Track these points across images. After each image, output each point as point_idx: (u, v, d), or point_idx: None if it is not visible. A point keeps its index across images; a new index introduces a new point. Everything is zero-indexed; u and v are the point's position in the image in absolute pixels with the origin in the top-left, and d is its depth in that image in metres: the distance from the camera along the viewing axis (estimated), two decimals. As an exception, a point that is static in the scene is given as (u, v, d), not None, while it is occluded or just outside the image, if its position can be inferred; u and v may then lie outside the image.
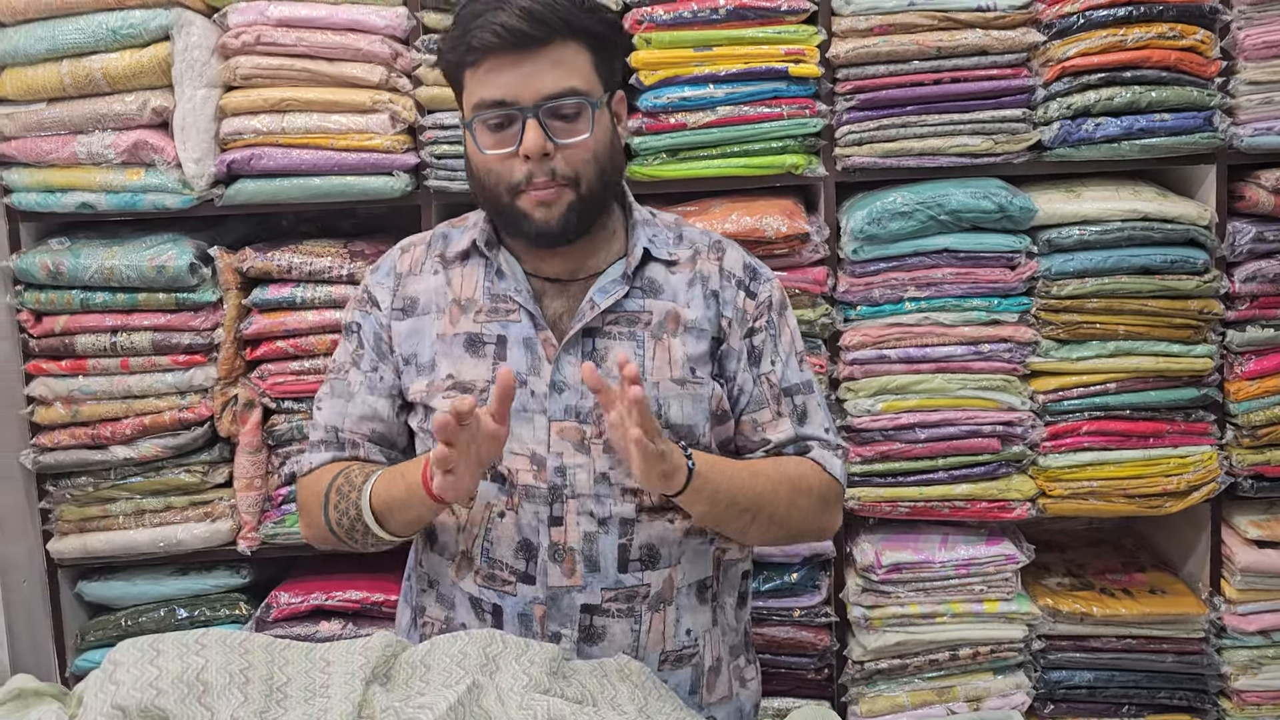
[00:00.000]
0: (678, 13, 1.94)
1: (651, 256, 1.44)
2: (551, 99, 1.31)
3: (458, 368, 1.40)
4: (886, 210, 1.95)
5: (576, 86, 1.32)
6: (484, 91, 1.32)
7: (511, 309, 1.41)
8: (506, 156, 1.33)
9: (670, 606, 1.42)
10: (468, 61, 1.33)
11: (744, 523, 1.40)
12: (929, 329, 2.00)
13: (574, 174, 1.33)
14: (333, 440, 1.47)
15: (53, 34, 1.92)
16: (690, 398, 1.42)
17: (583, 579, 1.38)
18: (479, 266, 1.44)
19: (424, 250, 1.48)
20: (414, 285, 1.46)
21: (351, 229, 2.28)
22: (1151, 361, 2.01)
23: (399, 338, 1.44)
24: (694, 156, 1.99)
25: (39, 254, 2.01)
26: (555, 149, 1.32)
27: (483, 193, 1.38)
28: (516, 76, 1.30)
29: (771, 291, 1.49)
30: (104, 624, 2.11)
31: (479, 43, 1.30)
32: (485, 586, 1.41)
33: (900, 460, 2.02)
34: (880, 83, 1.97)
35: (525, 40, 1.29)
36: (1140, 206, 1.98)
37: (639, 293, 1.43)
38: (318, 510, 1.42)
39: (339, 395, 1.47)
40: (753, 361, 1.46)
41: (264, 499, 2.07)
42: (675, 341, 1.42)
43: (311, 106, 1.96)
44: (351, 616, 2.05)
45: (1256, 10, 1.97)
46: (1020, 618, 2.05)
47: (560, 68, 1.31)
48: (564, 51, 1.32)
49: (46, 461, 2.04)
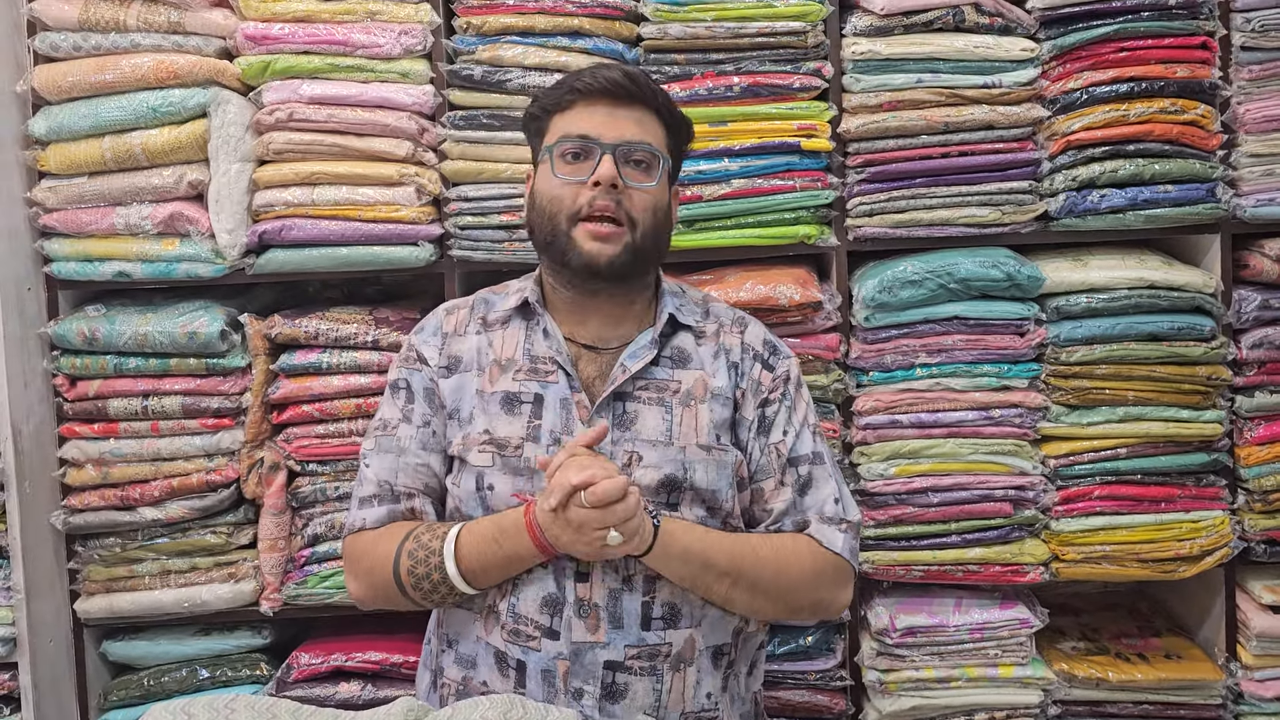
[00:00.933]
0: (693, 90, 2.01)
1: (679, 324, 1.53)
2: (630, 144, 1.47)
3: (494, 424, 1.46)
4: (897, 279, 2.00)
5: (653, 144, 1.49)
6: (570, 127, 1.48)
7: (550, 370, 1.48)
8: (576, 184, 1.45)
9: (691, 668, 1.44)
10: (564, 103, 1.49)
11: (724, 587, 1.42)
12: (940, 394, 2.04)
13: (634, 217, 1.46)
14: (386, 494, 1.50)
15: (96, 112, 2.00)
16: (715, 464, 1.46)
17: (606, 635, 1.40)
18: (520, 329, 1.53)
19: (467, 313, 1.58)
20: (458, 345, 1.54)
21: (376, 296, 2.34)
22: (1161, 427, 2.03)
23: (447, 392, 1.51)
24: (710, 227, 2.05)
25: (76, 320, 2.07)
26: (624, 187, 1.45)
27: (541, 220, 1.49)
28: (605, 118, 1.47)
29: (789, 368, 1.56)
30: (127, 684, 2.13)
31: (582, 85, 1.48)
32: (510, 641, 1.43)
33: (913, 524, 2.05)
34: (890, 156, 2.03)
35: (621, 93, 1.47)
36: (1147, 275, 2.02)
37: (668, 362, 1.49)
38: (383, 571, 1.45)
39: (388, 451, 1.51)
40: (763, 431, 1.51)
41: (287, 560, 2.10)
42: (703, 408, 1.48)
43: (341, 179, 2.03)
44: (371, 678, 2.07)
45: (1256, 86, 2.02)
46: (1035, 682, 2.05)
47: (642, 126, 1.49)
48: (648, 117, 1.50)
49: (76, 522, 2.08)
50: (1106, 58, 2.00)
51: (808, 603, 1.50)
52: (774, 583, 1.44)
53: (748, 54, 2.02)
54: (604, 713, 1.40)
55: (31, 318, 2.08)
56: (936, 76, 2.01)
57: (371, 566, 1.48)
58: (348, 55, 2.01)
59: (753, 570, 1.42)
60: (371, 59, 2.02)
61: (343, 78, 2.02)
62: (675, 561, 1.39)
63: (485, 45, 2.02)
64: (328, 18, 2.02)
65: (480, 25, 2.02)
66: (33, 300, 2.08)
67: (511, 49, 2.01)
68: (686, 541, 1.39)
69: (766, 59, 2.02)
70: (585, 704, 1.40)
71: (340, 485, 2.07)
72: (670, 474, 1.45)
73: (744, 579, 1.42)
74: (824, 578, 1.48)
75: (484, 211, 2.05)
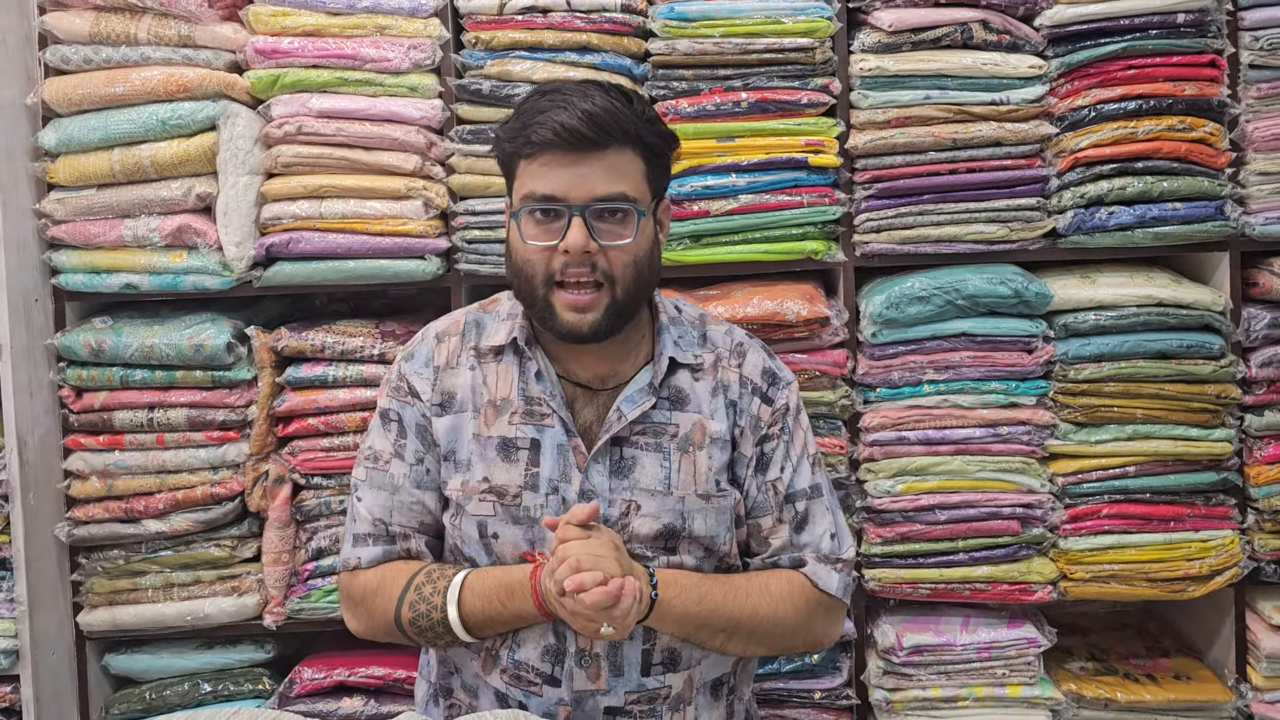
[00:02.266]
0: (701, 105, 2.02)
1: (677, 364, 1.46)
2: (600, 201, 1.34)
3: (491, 471, 1.42)
4: (905, 295, 2.00)
5: (626, 192, 1.35)
6: (535, 185, 1.35)
7: (546, 413, 1.43)
8: (547, 249, 1.36)
9: (689, 706, 1.45)
10: (524, 153, 1.36)
11: (719, 642, 1.42)
12: (948, 411, 2.03)
13: (613, 275, 1.36)
14: (382, 534, 1.47)
15: (105, 124, 2.01)
16: (714, 511, 1.44)
17: (607, 683, 1.40)
18: (514, 365, 1.46)
19: (459, 342, 1.49)
20: (450, 380, 1.47)
21: (383, 309, 2.34)
22: (1170, 445, 2.02)
23: (440, 433, 1.45)
24: (717, 242, 2.05)
25: (82, 332, 2.07)
26: (598, 249, 1.35)
27: (519, 282, 1.41)
28: (570, 175, 1.34)
29: (788, 398, 1.51)
30: (128, 697, 2.12)
31: (537, 138, 1.33)
32: (511, 685, 1.43)
33: (920, 541, 2.03)
34: (897, 172, 2.03)
35: (583, 142, 1.32)
36: (1155, 292, 2.01)
37: (666, 404, 1.44)
38: (384, 618, 1.43)
39: (381, 487, 1.47)
40: (760, 469, 1.48)
41: (290, 574, 2.10)
42: (701, 455, 1.44)
43: (349, 193, 2.03)
44: (374, 693, 2.05)
45: (1264, 104, 2.02)
46: (1043, 703, 2.03)
47: (613, 173, 1.35)
48: (619, 158, 1.35)
49: (80, 534, 2.08)
50: (1115, 75, 2.01)
51: (801, 642, 1.50)
52: (770, 632, 1.44)
53: (756, 70, 2.02)
54: None
55: (38, 329, 2.08)
56: (944, 93, 2.01)
57: (371, 611, 1.45)
58: (357, 69, 2.02)
59: (748, 621, 1.42)
60: (380, 73, 2.02)
61: (351, 92, 2.03)
62: (672, 625, 1.40)
63: (494, 60, 2.03)
64: (337, 32, 2.03)
65: (489, 40, 2.03)
66: (40, 311, 2.09)
67: (520, 64, 2.01)
68: (683, 607, 1.38)
69: (774, 75, 2.03)
70: None
71: (345, 499, 2.06)
72: (669, 523, 1.43)
73: (740, 631, 1.42)
74: (816, 618, 1.48)
75: (491, 225, 2.05)
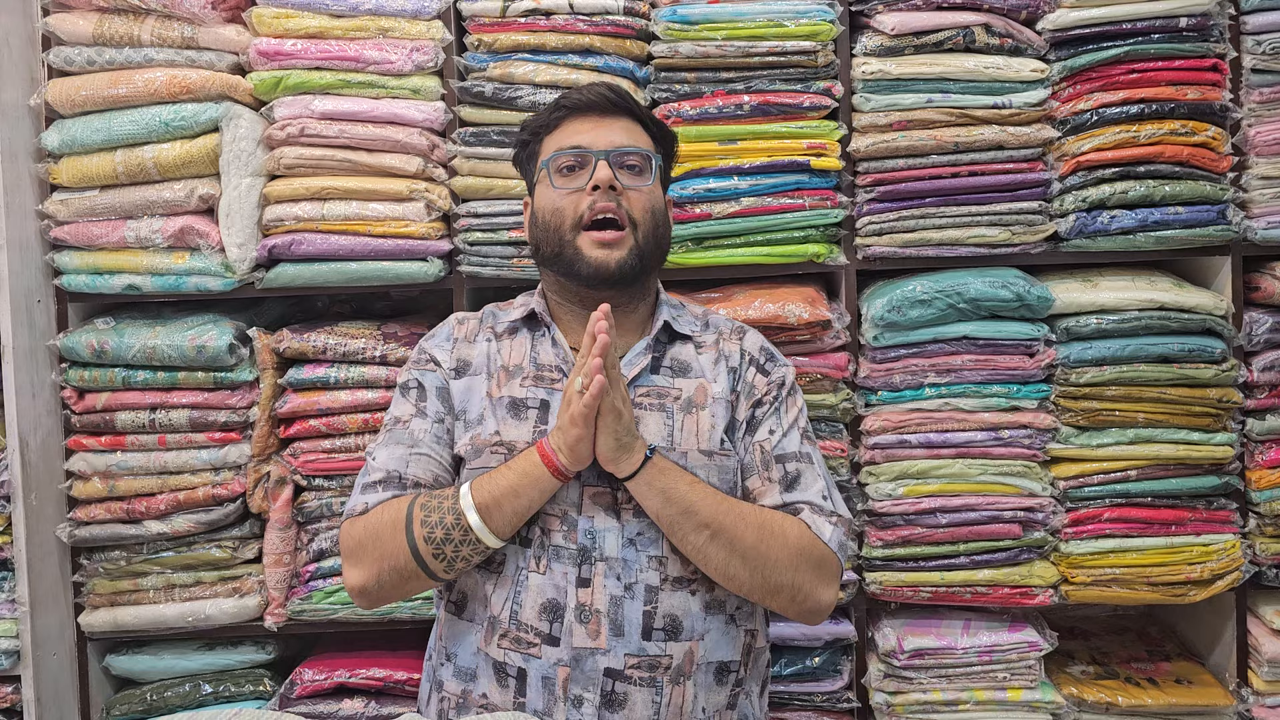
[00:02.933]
0: (704, 108, 2.02)
1: (675, 333, 1.57)
2: (622, 149, 1.53)
3: (502, 427, 1.50)
4: (906, 298, 2.00)
5: (643, 147, 1.56)
6: (563, 141, 1.55)
7: (556, 378, 1.52)
8: (575, 193, 1.51)
9: (689, 681, 1.44)
10: (553, 122, 1.57)
11: (702, 539, 1.40)
12: (949, 414, 2.03)
13: (634, 217, 1.52)
14: (394, 481, 1.48)
15: (109, 125, 2.02)
16: (717, 468, 1.48)
17: (607, 642, 1.41)
18: (526, 338, 1.58)
19: (477, 324, 1.63)
20: (467, 350, 1.59)
21: (385, 311, 2.34)
22: (1172, 449, 2.02)
23: (456, 393, 1.54)
24: (719, 245, 2.05)
25: (85, 333, 2.07)
26: (622, 188, 1.51)
27: (546, 236, 1.54)
28: (594, 130, 1.54)
29: (785, 374, 1.59)
30: (129, 698, 2.12)
31: (569, 103, 1.56)
32: (511, 649, 1.44)
33: (922, 545, 2.03)
34: (900, 175, 2.03)
35: (608, 106, 1.56)
36: (1157, 296, 2.02)
37: (668, 372, 1.53)
38: (396, 536, 1.41)
39: (399, 443, 1.51)
40: (750, 430, 1.53)
41: (292, 575, 2.10)
42: (704, 414, 1.50)
43: (351, 195, 2.03)
44: (374, 695, 2.05)
45: (1266, 108, 2.02)
46: (1044, 706, 2.03)
47: (631, 133, 1.56)
48: (634, 126, 1.58)
49: (81, 535, 2.08)
50: (1117, 79, 2.01)
51: (786, 582, 1.43)
52: (753, 549, 1.41)
53: (758, 73, 2.03)
54: None
55: (41, 330, 2.08)
56: (946, 97, 2.01)
57: (379, 536, 1.43)
58: (359, 71, 2.02)
59: (733, 528, 1.40)
60: (383, 75, 2.03)
61: (354, 94, 2.03)
62: (656, 497, 1.40)
63: (496, 62, 2.03)
64: (340, 34, 2.03)
65: (492, 43, 2.03)
66: (42, 312, 2.09)
67: (522, 66, 2.02)
68: (671, 481, 1.40)
69: (777, 78, 2.03)
70: (584, 712, 1.40)
71: (346, 501, 2.06)
72: None
73: (722, 535, 1.40)
74: (806, 560, 1.44)
75: (493, 228, 2.05)
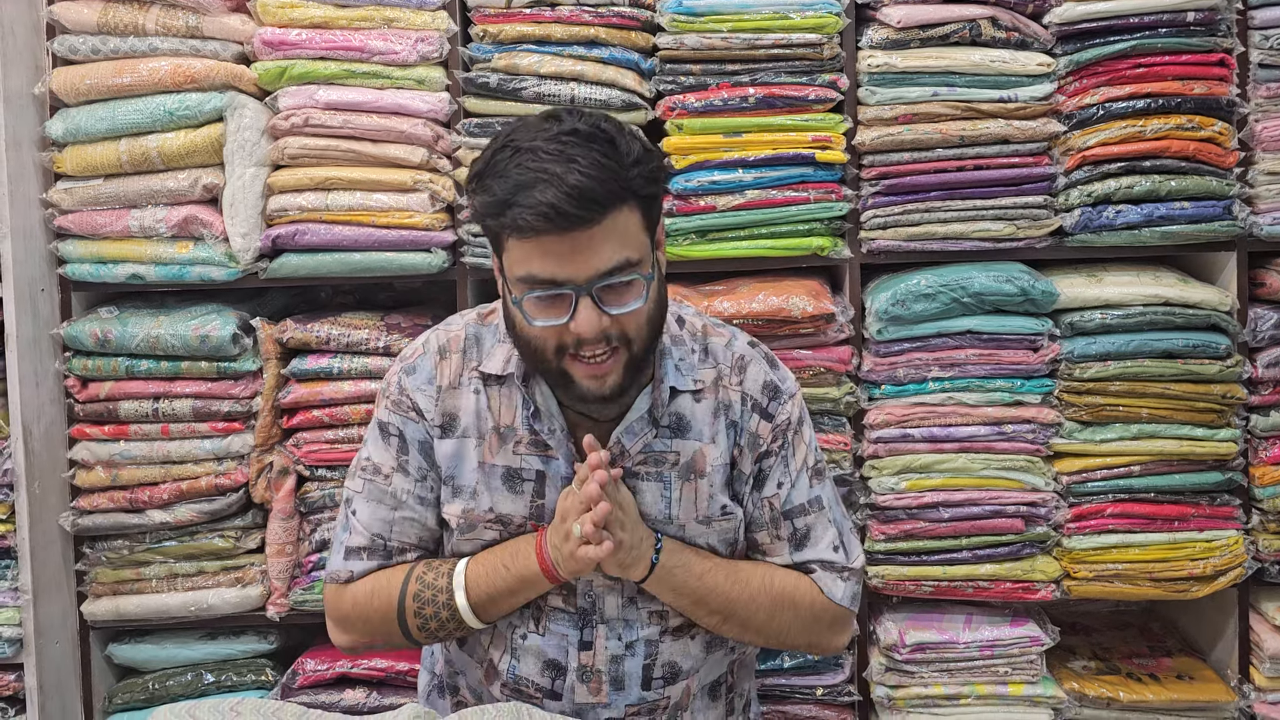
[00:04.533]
0: (708, 100, 2.01)
1: (678, 390, 1.41)
2: (605, 276, 1.23)
3: (496, 500, 1.40)
4: (910, 292, 1.99)
5: (630, 258, 1.25)
6: (532, 267, 1.24)
7: (551, 445, 1.39)
8: (556, 328, 1.26)
9: (686, 713, 1.46)
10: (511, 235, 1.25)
11: (714, 621, 1.41)
12: (953, 409, 2.03)
13: (628, 338, 1.28)
14: (379, 549, 1.42)
15: (113, 114, 2.01)
16: (717, 533, 1.44)
17: (608, 698, 1.41)
18: (517, 392, 1.39)
19: (460, 360, 1.42)
20: (453, 401, 1.41)
21: (388, 301, 2.34)
22: (1175, 445, 2.02)
23: (441, 455, 1.41)
24: (722, 238, 2.05)
25: (88, 322, 2.07)
26: (610, 322, 1.26)
27: (526, 355, 1.33)
28: (568, 254, 1.22)
29: (790, 412, 1.45)
30: (132, 687, 2.13)
31: (525, 224, 1.20)
32: (512, 697, 1.43)
33: (924, 539, 2.03)
34: (904, 169, 2.03)
35: (576, 222, 1.20)
36: (1161, 292, 2.01)
37: (666, 432, 1.40)
38: (388, 620, 1.39)
39: (381, 501, 1.42)
40: (757, 485, 1.45)
41: (294, 565, 2.10)
42: (702, 483, 1.42)
43: (355, 185, 2.03)
44: (376, 685, 2.06)
45: (1273, 103, 2.01)
46: (1045, 701, 2.03)
47: (612, 240, 1.23)
48: (615, 221, 1.23)
49: (85, 524, 2.08)
50: (1123, 73, 2.00)
51: (801, 644, 1.48)
52: (766, 624, 1.43)
53: (763, 65, 2.02)
54: None
55: (45, 319, 2.08)
56: (952, 90, 2.01)
57: (369, 618, 1.41)
58: (364, 61, 2.02)
59: (744, 610, 1.41)
60: (388, 65, 2.02)
61: (359, 84, 2.03)
62: (667, 594, 1.39)
63: (501, 53, 2.02)
64: (345, 24, 2.02)
65: (497, 33, 2.03)
66: (46, 301, 2.09)
67: (527, 57, 2.01)
68: (680, 579, 1.38)
69: (782, 70, 2.02)
70: None
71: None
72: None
73: (735, 618, 1.41)
74: (820, 624, 1.45)
75: (497, 219, 2.05)
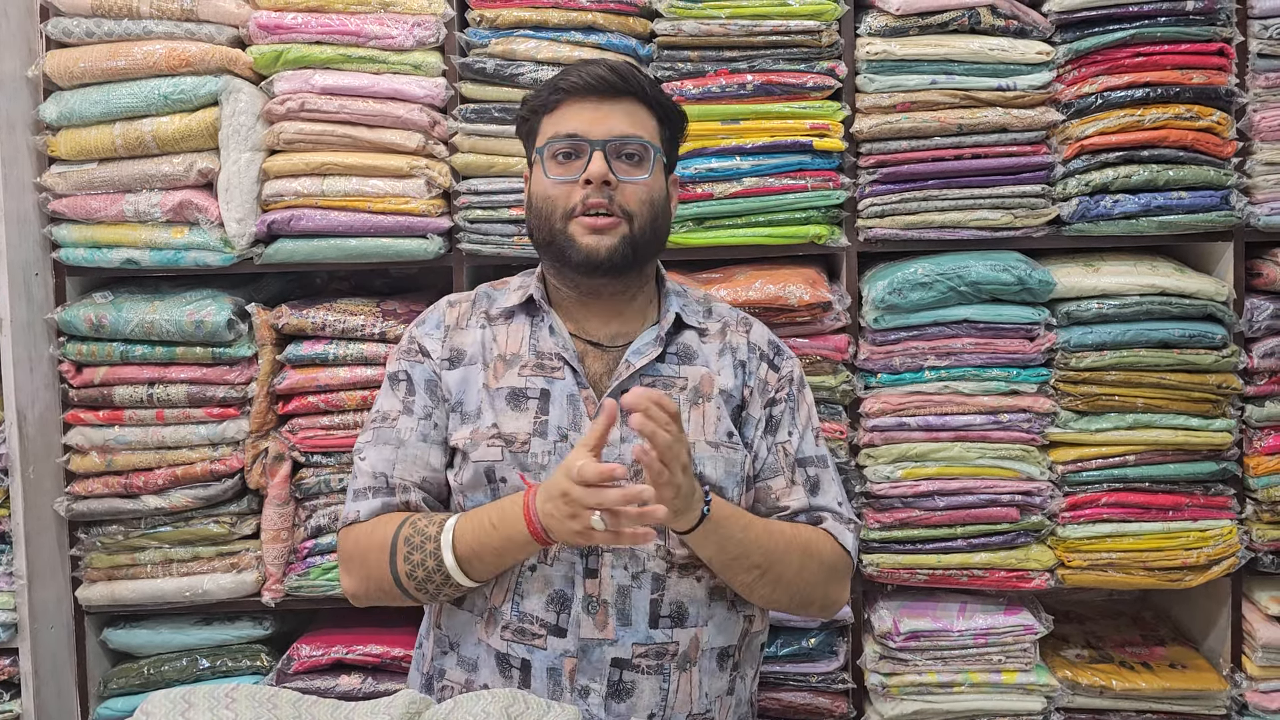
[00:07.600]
0: (706, 87, 2.01)
1: (683, 324, 1.52)
2: (619, 139, 1.44)
3: (500, 419, 1.45)
4: (907, 281, 1.99)
5: (643, 136, 1.46)
6: (559, 126, 1.46)
7: (556, 366, 1.47)
8: (568, 183, 1.44)
9: (695, 668, 1.44)
10: (551, 103, 1.47)
11: (752, 577, 1.42)
12: (949, 398, 2.03)
13: (629, 210, 1.44)
14: (382, 487, 1.47)
15: (107, 98, 2.00)
16: (724, 460, 1.46)
17: (615, 632, 1.40)
18: (524, 324, 1.51)
19: (469, 307, 1.56)
20: (460, 338, 1.52)
21: (384, 288, 2.33)
22: (1170, 435, 2.02)
23: (449, 384, 1.49)
24: (720, 225, 2.04)
25: (83, 307, 2.07)
26: (616, 183, 1.43)
27: (538, 222, 1.47)
28: (592, 116, 1.45)
29: (793, 368, 1.56)
30: (127, 672, 2.13)
31: (566, 84, 1.45)
32: (514, 641, 1.42)
33: (919, 527, 2.04)
34: (902, 157, 2.02)
35: (607, 88, 1.45)
36: (1158, 281, 2.01)
37: (674, 359, 1.49)
38: (381, 563, 1.42)
39: (386, 442, 1.48)
40: (770, 430, 1.51)
41: (289, 551, 2.10)
42: (710, 406, 1.47)
43: (351, 170, 2.02)
44: (371, 671, 2.06)
45: (1272, 93, 2.01)
46: (1039, 689, 2.04)
47: (632, 119, 1.46)
48: (637, 110, 1.47)
49: (79, 509, 2.08)
50: (1122, 62, 2.00)
51: (818, 598, 1.51)
52: (796, 576, 1.45)
53: (762, 52, 2.01)
54: (610, 712, 1.40)
55: (39, 303, 2.08)
56: (951, 78, 2.00)
57: (366, 557, 1.45)
58: (360, 46, 2.01)
59: (780, 563, 1.43)
60: (384, 50, 2.01)
61: (355, 69, 2.01)
62: (711, 548, 1.39)
63: (498, 39, 2.01)
64: (341, 8, 2.01)
65: (494, 19, 2.02)
66: (40, 286, 2.08)
67: (524, 43, 2.00)
68: (727, 532, 1.39)
69: (780, 57, 2.01)
70: (591, 702, 1.40)
71: (344, 477, 2.06)
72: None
73: (771, 571, 1.43)
74: (836, 574, 1.50)
75: (494, 205, 2.04)
